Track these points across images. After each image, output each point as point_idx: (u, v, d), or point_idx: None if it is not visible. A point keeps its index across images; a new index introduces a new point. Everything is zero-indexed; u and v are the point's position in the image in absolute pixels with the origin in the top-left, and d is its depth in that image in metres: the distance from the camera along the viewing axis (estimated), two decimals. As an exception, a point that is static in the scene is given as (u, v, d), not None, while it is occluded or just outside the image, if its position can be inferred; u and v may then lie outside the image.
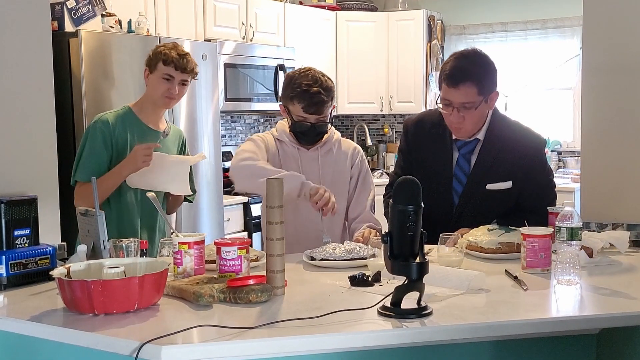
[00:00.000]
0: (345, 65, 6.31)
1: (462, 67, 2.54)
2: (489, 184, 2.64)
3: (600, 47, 2.73)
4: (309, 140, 2.79)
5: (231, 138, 5.83)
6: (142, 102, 2.96)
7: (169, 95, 2.87)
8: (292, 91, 2.71)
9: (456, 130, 2.65)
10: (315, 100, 2.67)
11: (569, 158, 6.10)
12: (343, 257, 2.29)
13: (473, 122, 2.60)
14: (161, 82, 2.86)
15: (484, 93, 2.56)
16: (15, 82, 2.15)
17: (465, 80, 2.52)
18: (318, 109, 2.69)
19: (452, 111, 2.57)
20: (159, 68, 2.86)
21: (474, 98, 2.54)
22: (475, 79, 2.52)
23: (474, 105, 2.55)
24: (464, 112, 2.56)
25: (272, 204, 1.90)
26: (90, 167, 2.73)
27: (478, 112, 2.58)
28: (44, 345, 1.73)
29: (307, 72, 2.73)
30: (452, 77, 2.53)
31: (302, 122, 2.73)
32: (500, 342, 1.78)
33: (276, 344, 1.57)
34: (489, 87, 2.57)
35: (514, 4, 6.21)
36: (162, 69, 2.85)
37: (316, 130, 2.76)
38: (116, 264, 1.88)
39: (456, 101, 2.55)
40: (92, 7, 3.99)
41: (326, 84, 2.71)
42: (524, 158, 2.66)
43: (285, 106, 2.78)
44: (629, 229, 2.60)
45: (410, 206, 1.71)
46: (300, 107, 2.70)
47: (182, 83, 2.90)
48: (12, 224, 2.04)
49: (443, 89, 2.58)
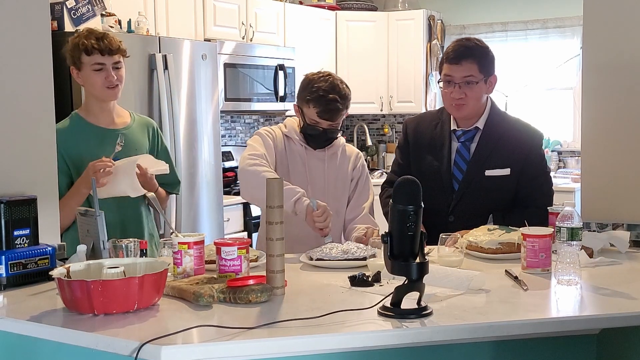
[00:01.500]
0: (345, 65, 6.30)
1: (464, 46, 2.69)
2: (488, 170, 2.70)
3: (601, 47, 2.73)
4: (318, 144, 2.81)
5: (231, 138, 5.83)
6: (86, 103, 2.76)
7: (108, 85, 2.65)
8: (309, 94, 2.71)
9: (457, 109, 2.71)
10: (331, 107, 2.69)
11: (569, 158, 6.10)
12: (339, 257, 2.29)
13: (474, 98, 2.68)
14: (94, 75, 2.64)
15: (484, 72, 2.68)
16: (14, 82, 2.15)
17: (467, 57, 2.66)
18: (332, 116, 2.71)
19: (453, 88, 2.66)
20: (84, 61, 2.64)
21: (475, 73, 2.65)
22: (477, 57, 2.67)
23: (474, 80, 2.66)
24: (465, 89, 2.66)
25: (272, 204, 1.90)
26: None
27: (478, 90, 2.68)
28: (43, 346, 1.73)
29: (326, 77, 2.73)
30: (455, 54, 2.66)
31: (315, 126, 2.74)
32: (500, 343, 1.78)
33: (276, 344, 1.57)
34: (488, 68, 2.70)
35: (514, 4, 6.21)
36: (88, 60, 2.63)
37: (327, 136, 2.78)
38: (116, 264, 1.87)
39: (458, 76, 2.66)
40: (91, 7, 3.99)
41: (344, 92, 2.72)
42: (521, 148, 2.73)
43: (299, 107, 2.78)
44: (630, 229, 2.60)
45: (410, 206, 1.71)
46: (315, 112, 2.71)
47: (115, 67, 2.66)
48: (12, 224, 2.03)
49: (445, 68, 2.70)
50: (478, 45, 2.71)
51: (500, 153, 2.72)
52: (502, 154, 2.71)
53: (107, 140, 2.67)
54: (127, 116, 2.81)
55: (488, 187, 2.70)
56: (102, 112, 2.73)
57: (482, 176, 2.70)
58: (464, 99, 2.67)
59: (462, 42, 2.71)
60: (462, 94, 2.66)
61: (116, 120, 2.76)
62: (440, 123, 2.81)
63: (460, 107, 2.70)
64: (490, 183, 2.70)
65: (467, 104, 2.69)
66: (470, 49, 2.68)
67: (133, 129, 2.79)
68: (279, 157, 2.78)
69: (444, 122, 2.80)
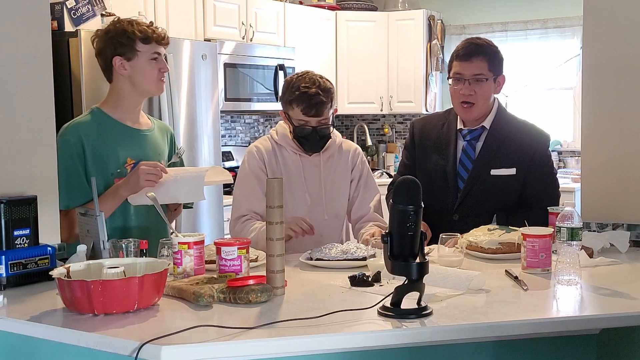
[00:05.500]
0: (345, 65, 6.30)
1: (475, 43, 2.73)
2: (494, 169, 2.71)
3: (601, 47, 2.73)
4: (312, 146, 2.72)
5: (231, 138, 5.83)
6: (117, 98, 2.51)
7: (162, 76, 2.49)
8: (290, 95, 2.66)
9: (465, 110, 2.72)
10: (315, 101, 2.63)
11: (569, 158, 6.09)
12: (339, 257, 2.29)
13: (483, 97, 2.70)
14: (150, 65, 2.45)
15: (494, 71, 2.71)
16: (14, 81, 2.15)
17: (477, 54, 2.69)
18: (318, 111, 2.64)
19: (462, 85, 2.69)
20: (140, 49, 2.43)
21: (485, 71, 2.69)
22: (487, 55, 2.71)
23: (484, 77, 2.68)
24: (475, 86, 2.68)
25: (272, 204, 1.90)
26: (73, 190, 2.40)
27: (487, 89, 2.71)
28: (43, 346, 1.73)
29: (304, 75, 2.70)
30: (465, 52, 2.70)
31: (304, 126, 2.67)
32: (501, 343, 1.78)
33: (276, 344, 1.57)
34: (498, 67, 2.73)
35: (514, 4, 6.20)
36: (147, 48, 2.43)
37: (318, 135, 2.69)
38: (116, 264, 1.87)
39: (468, 73, 2.68)
40: (91, 7, 3.99)
41: (324, 85, 2.67)
42: (527, 148, 2.74)
43: (285, 112, 2.72)
44: (630, 229, 2.60)
45: (410, 206, 1.71)
46: (299, 110, 2.65)
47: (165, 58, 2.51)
48: (12, 223, 2.03)
49: (455, 66, 2.73)
50: (488, 44, 2.75)
51: (506, 152, 2.72)
52: (508, 153, 2.72)
53: (134, 141, 2.52)
54: (146, 118, 2.65)
55: (493, 186, 2.69)
56: (134, 109, 2.54)
57: (487, 175, 2.70)
58: (473, 97, 2.68)
59: (472, 40, 2.75)
60: (472, 91, 2.68)
61: (141, 121, 2.59)
62: (447, 123, 2.81)
63: (469, 108, 2.70)
64: (495, 182, 2.70)
65: (476, 103, 2.69)
66: (480, 47, 2.71)
67: (155, 132, 2.64)
68: (270, 172, 2.73)
69: (450, 122, 2.81)
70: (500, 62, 2.75)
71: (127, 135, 2.53)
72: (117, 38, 2.44)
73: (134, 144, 2.53)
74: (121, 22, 2.47)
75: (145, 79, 2.47)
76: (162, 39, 2.48)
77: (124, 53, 2.44)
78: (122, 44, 2.43)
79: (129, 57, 2.44)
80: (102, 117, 2.49)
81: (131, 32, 2.43)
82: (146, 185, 2.36)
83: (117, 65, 2.45)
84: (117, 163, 2.50)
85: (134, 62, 2.45)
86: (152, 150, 2.58)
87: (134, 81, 2.48)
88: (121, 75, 2.48)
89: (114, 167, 2.49)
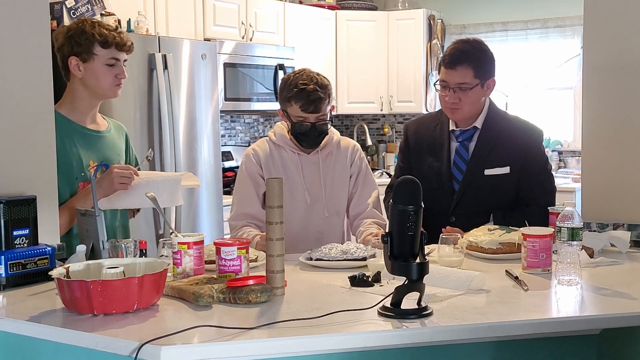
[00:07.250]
0: (345, 65, 6.30)
1: (460, 50, 2.67)
2: (487, 169, 2.70)
3: (601, 47, 2.73)
4: (310, 142, 2.75)
5: (231, 138, 5.83)
6: (71, 100, 2.48)
7: (118, 82, 2.45)
8: (288, 92, 2.69)
9: (452, 112, 2.72)
10: (313, 97, 2.66)
11: (569, 158, 6.09)
12: (338, 257, 2.29)
13: (468, 103, 2.68)
14: (106, 70, 2.42)
15: (480, 77, 2.66)
16: (14, 81, 2.15)
17: (462, 62, 2.64)
18: (316, 107, 2.67)
19: (448, 92, 2.66)
20: (98, 53, 2.40)
21: (470, 79, 2.64)
22: (473, 61, 2.64)
23: (469, 86, 2.65)
24: (459, 94, 2.65)
25: (272, 204, 1.90)
26: None
27: (474, 95, 2.67)
28: (43, 346, 1.72)
29: (301, 72, 2.73)
30: (450, 59, 2.65)
31: (302, 122, 2.69)
32: (501, 343, 1.77)
33: (276, 344, 1.57)
34: (485, 72, 2.68)
35: (514, 4, 6.20)
36: (104, 53, 2.40)
37: (317, 131, 2.72)
38: (115, 264, 1.87)
39: (452, 82, 2.65)
40: (91, 7, 3.99)
41: (322, 81, 2.70)
42: (521, 146, 2.72)
43: (283, 110, 2.75)
44: (630, 229, 2.60)
45: (410, 206, 1.71)
46: (298, 107, 2.67)
47: (124, 64, 2.46)
48: (11, 223, 2.03)
49: (441, 72, 2.70)
50: (475, 48, 2.69)
51: (499, 151, 2.71)
52: (501, 152, 2.71)
53: (93, 143, 2.50)
54: (101, 118, 2.61)
55: (488, 186, 2.69)
56: (90, 111, 2.51)
57: (481, 175, 2.70)
58: (458, 104, 2.67)
59: (458, 46, 2.68)
60: (457, 99, 2.66)
61: (98, 122, 2.57)
62: (440, 124, 2.81)
63: (455, 112, 2.71)
64: (490, 182, 2.70)
65: (461, 108, 2.69)
66: (466, 54, 2.65)
67: (112, 132, 2.61)
68: (267, 174, 2.74)
69: (443, 123, 2.80)
70: (489, 65, 2.70)
71: (86, 138, 2.50)
72: (76, 38, 2.41)
73: (94, 146, 2.51)
74: (85, 22, 2.45)
75: (99, 83, 2.44)
76: (124, 45, 2.45)
77: (80, 53, 2.41)
78: (80, 44, 2.40)
79: (84, 59, 2.42)
80: (60, 120, 2.37)
81: (91, 34, 2.40)
82: (120, 188, 2.38)
83: (72, 65, 2.43)
84: (80, 167, 2.47)
85: (89, 65, 2.42)
86: (112, 151, 2.57)
87: (87, 84, 2.45)
88: (75, 76, 2.46)
89: (78, 171, 2.47)
